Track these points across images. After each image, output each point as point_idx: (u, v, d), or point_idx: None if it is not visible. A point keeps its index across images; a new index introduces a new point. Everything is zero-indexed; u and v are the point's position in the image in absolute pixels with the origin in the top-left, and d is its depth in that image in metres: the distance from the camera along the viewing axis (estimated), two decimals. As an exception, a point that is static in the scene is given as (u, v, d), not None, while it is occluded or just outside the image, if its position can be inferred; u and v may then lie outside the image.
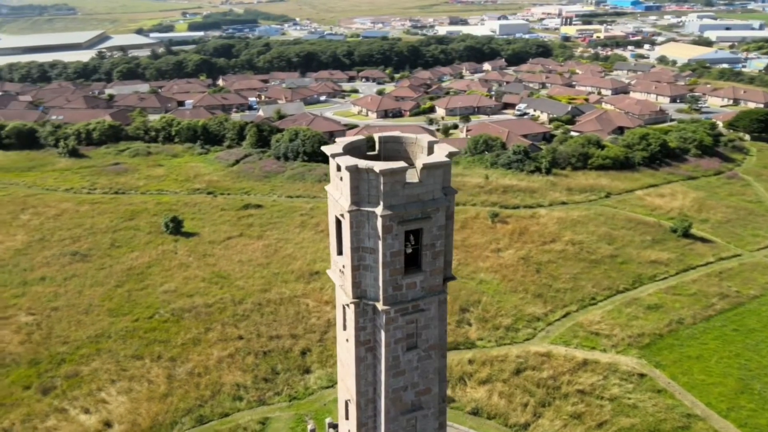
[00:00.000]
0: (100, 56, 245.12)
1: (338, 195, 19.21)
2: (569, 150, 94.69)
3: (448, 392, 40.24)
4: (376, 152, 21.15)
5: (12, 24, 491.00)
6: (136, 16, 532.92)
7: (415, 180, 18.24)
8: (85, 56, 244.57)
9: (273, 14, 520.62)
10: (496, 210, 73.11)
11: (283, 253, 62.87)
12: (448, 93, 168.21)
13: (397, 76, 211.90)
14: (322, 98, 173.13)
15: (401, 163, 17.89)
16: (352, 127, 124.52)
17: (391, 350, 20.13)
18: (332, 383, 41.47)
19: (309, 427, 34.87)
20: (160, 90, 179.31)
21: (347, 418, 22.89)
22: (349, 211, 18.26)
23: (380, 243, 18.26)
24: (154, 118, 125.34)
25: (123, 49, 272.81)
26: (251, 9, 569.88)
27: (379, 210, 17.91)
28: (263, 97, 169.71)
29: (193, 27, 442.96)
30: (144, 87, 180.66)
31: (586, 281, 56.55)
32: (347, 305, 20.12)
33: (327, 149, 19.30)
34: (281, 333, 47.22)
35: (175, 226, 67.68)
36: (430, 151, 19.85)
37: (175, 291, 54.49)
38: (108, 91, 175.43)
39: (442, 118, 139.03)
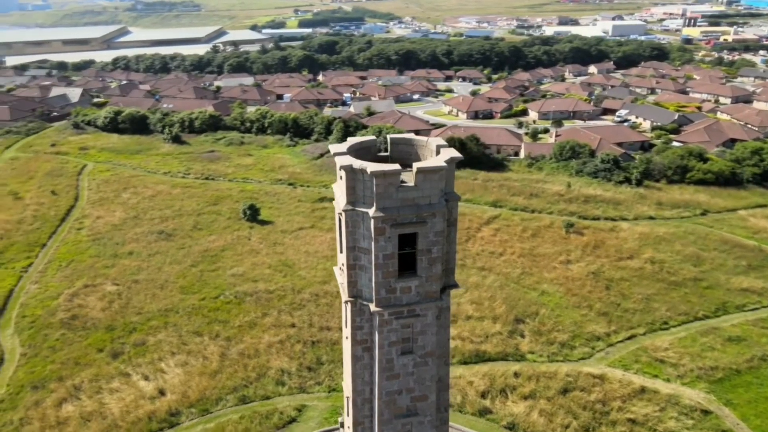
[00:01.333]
0: (215, 50, 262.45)
1: (339, 193, 19.39)
2: (666, 161, 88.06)
3: (486, 402, 39.24)
4: (387, 153, 21.07)
5: (145, 19, 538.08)
6: (253, 13, 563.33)
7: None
8: (201, 50, 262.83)
9: (379, 12, 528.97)
10: (572, 220, 69.76)
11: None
12: (544, 96, 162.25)
13: (494, 77, 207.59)
14: (415, 97, 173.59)
15: (395, 166, 17.72)
16: (439, 126, 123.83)
17: (385, 352, 20.03)
18: (372, 380, 41.83)
19: (340, 419, 35.43)
20: (263, 83, 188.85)
21: (348, 415, 23.09)
22: (344, 211, 18.39)
23: (373, 244, 18.23)
24: (252, 110, 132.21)
25: (235, 43, 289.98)
26: (359, 7, 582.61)
27: (371, 211, 17.87)
28: (357, 93, 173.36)
29: (303, 24, 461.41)
30: (249, 80, 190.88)
31: (660, 303, 52.49)
32: (345, 303, 20.29)
33: (333, 147, 19.53)
34: (332, 325, 48.27)
35: (252, 214, 71.16)
36: (438, 154, 19.46)
37: (242, 275, 57.40)
38: (216, 83, 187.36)
39: (534, 121, 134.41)
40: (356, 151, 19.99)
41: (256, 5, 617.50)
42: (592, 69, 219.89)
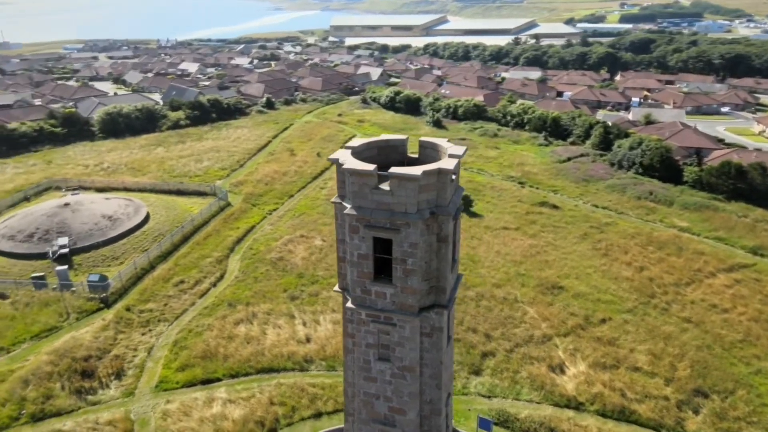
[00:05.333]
0: (515, 42, 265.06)
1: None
2: None
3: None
4: (417, 156, 20.34)
5: (469, 9, 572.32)
6: (574, 6, 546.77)
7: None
8: (504, 41, 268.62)
9: (725, 8, 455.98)
10: None
11: (544, 257, 60.42)
12: None
13: None
14: (724, 109, 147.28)
15: (370, 167, 17.21)
16: (730, 146, 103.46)
17: (362, 352, 19.89)
18: (491, 395, 40.01)
19: None
20: (551, 78, 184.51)
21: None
22: (334, 203, 18.77)
23: (348, 241, 18.26)
24: (520, 104, 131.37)
25: (537, 36, 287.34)
26: (700, 2, 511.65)
27: (347, 208, 17.89)
28: (649, 98, 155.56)
29: (625, 19, 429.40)
30: (535, 74, 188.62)
31: None
32: (336, 292, 20.72)
33: (355, 140, 19.82)
34: (479, 328, 47.11)
35: (465, 204, 72.36)
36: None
37: (426, 258, 59.71)
38: (503, 74, 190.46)
39: None
40: (380, 148, 19.93)
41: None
42: None
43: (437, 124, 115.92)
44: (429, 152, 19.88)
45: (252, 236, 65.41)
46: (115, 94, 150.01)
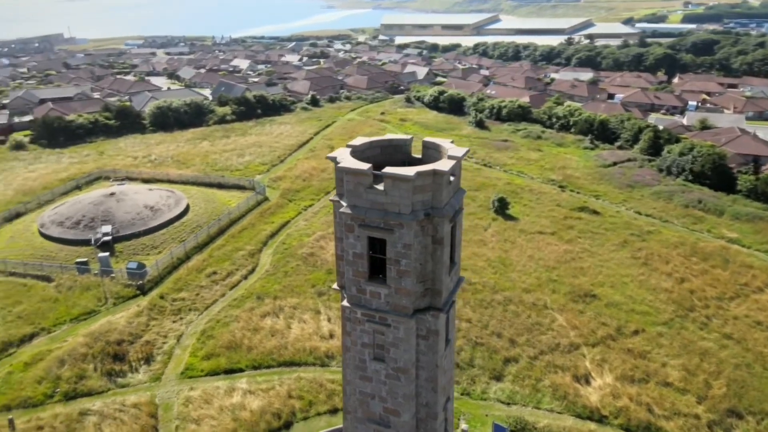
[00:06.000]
0: (568, 42, 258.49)
1: (341, 185, 19.73)
2: None
3: (614, 482, 32.62)
4: (420, 156, 20.11)
5: (523, 8, 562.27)
6: (634, 5, 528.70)
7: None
8: (556, 41, 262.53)
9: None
10: None
11: (578, 264, 58.75)
12: None
13: None
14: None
15: (365, 166, 17.10)
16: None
17: (358, 351, 19.85)
18: (510, 401, 39.27)
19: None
20: (604, 80, 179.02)
21: (354, 403, 23.52)
22: (331, 201, 18.80)
23: (344, 240, 18.24)
24: (567, 105, 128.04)
25: (591, 36, 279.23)
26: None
27: (343, 207, 17.87)
28: (707, 102, 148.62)
29: (688, 19, 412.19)
30: (587, 75, 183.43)
31: None
32: (333, 289, 20.73)
33: (359, 139, 19.77)
34: (504, 333, 46.27)
35: (501, 207, 71.25)
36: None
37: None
38: (552, 75, 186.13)
39: None
40: (383, 148, 19.82)
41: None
42: None
43: (480, 124, 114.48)
44: (432, 153, 19.62)
45: (286, 231, 66.42)
46: (168, 88, 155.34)
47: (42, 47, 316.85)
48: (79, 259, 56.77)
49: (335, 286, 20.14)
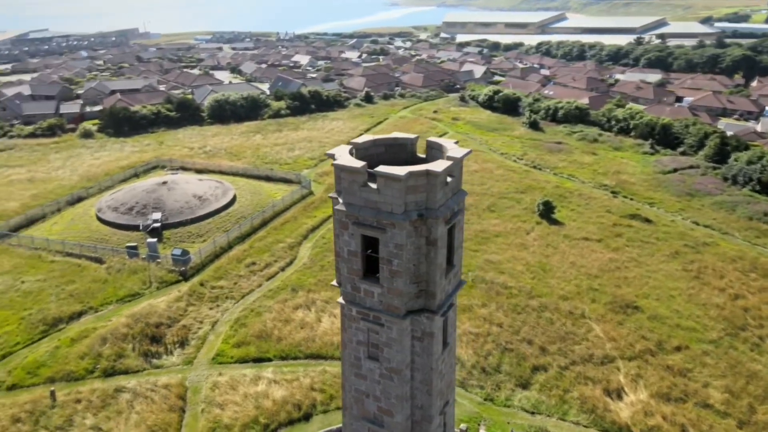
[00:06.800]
0: (637, 42, 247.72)
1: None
2: None
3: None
4: (425, 156, 19.78)
5: (593, 6, 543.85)
6: (714, 3, 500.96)
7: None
8: (624, 40, 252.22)
9: None
10: None
11: (623, 273, 56.34)
12: None
13: None
14: None
15: (359, 164, 16.95)
16: None
17: (353, 349, 19.81)
18: (535, 411, 38.21)
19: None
20: (672, 82, 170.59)
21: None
22: (330, 197, 18.80)
23: (340, 237, 18.22)
24: (628, 108, 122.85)
25: (663, 36, 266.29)
26: None
27: (338, 204, 17.84)
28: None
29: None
30: (654, 77, 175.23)
31: None
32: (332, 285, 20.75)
33: (363, 137, 19.67)
34: (535, 341, 45.01)
35: (546, 211, 69.30)
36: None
37: (495, 263, 58.00)
38: (617, 76, 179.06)
39: None
40: (388, 146, 19.66)
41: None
42: None
43: (533, 125, 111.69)
44: (435, 153, 19.27)
45: (327, 225, 67.17)
46: (230, 82, 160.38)
47: (118, 41, 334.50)
48: (129, 244, 59.59)
49: (333, 283, 20.18)
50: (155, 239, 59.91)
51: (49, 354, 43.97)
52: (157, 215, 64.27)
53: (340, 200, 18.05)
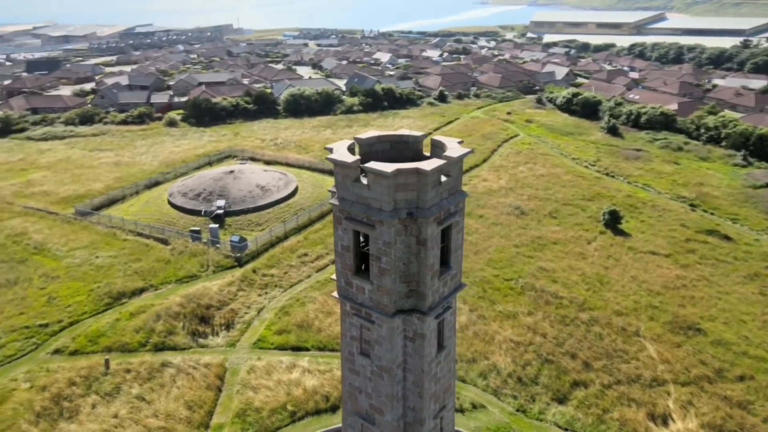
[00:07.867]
0: (744, 44, 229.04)
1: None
2: None
3: None
4: (429, 154, 19.33)
5: (698, 6, 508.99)
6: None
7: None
8: (728, 43, 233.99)
9: None
10: None
11: (689, 292, 52.46)
12: None
13: None
14: None
15: (351, 158, 16.76)
16: None
17: (348, 343, 19.75)
18: (569, 427, 36.51)
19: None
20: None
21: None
22: (329, 191, 18.82)
23: (335, 231, 18.21)
24: (721, 116, 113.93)
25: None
26: None
27: (333, 198, 17.82)
28: None
29: None
30: (760, 83, 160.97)
31: None
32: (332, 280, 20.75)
33: (369, 133, 19.52)
34: (579, 355, 42.90)
35: (612, 220, 65.82)
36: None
37: (548, 271, 55.88)
38: (715, 81, 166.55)
39: None
40: (393, 143, 19.43)
41: None
42: None
43: (612, 131, 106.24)
44: (438, 151, 18.76)
45: (382, 222, 67.40)
46: (310, 78, 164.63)
47: (213, 36, 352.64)
48: (193, 228, 62.79)
49: (333, 277, 20.24)
50: (217, 225, 62.74)
51: (109, 325, 47.25)
52: (221, 202, 67.25)
53: (335, 195, 18.06)
